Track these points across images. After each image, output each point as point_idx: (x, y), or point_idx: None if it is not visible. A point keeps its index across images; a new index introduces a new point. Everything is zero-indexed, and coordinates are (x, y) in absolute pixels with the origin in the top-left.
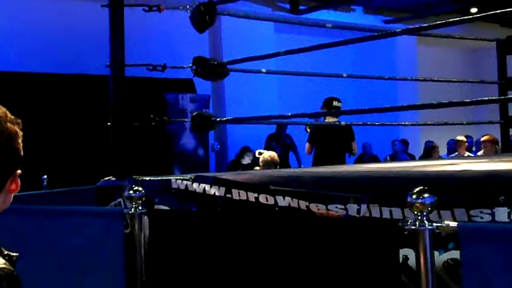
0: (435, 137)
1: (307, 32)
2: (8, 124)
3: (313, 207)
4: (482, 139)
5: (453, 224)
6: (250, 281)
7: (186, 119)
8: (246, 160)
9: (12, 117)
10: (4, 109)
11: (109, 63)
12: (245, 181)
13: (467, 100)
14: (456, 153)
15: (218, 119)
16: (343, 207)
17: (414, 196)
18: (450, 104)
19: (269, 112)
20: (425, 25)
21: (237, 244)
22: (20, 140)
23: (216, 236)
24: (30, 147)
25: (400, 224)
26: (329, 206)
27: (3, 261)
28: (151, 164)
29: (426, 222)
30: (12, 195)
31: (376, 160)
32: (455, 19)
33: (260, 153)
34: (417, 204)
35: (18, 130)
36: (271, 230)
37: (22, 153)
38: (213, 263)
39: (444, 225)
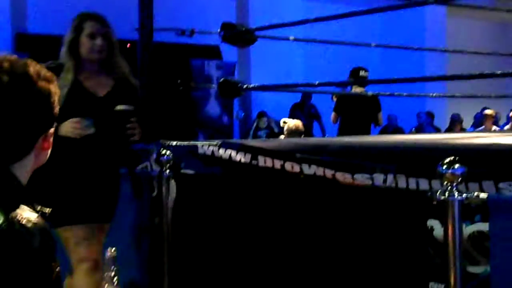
0: (461, 110)
1: (335, 0)
2: (41, 83)
3: (339, 176)
4: None
5: (483, 195)
6: (272, 246)
7: (212, 85)
8: (262, 125)
9: (48, 74)
10: (37, 68)
11: (138, 27)
12: (271, 148)
13: (498, 72)
14: (483, 126)
15: (245, 86)
16: (369, 176)
17: (444, 167)
18: (481, 76)
19: (294, 81)
20: None
21: (262, 210)
22: (53, 99)
23: (242, 202)
24: None
25: (429, 194)
26: (355, 176)
27: (36, 215)
28: (176, 130)
29: (456, 193)
30: (46, 153)
31: (401, 132)
32: None
33: (285, 122)
34: (447, 175)
35: (52, 88)
36: (296, 197)
37: (56, 111)
38: (238, 228)
39: (473, 196)
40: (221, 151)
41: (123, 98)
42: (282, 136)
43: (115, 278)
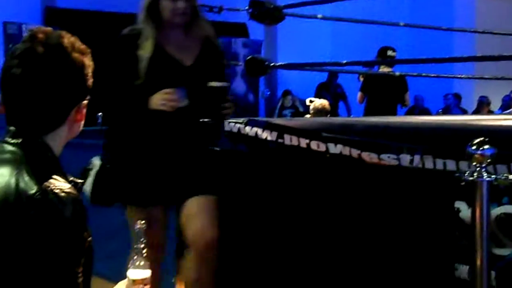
0: (489, 92)
1: None
2: (75, 55)
3: (365, 155)
4: None
5: None
6: (296, 223)
7: (239, 62)
8: (287, 104)
9: (82, 46)
10: (72, 39)
11: None
12: (298, 127)
13: None
14: (511, 109)
15: (272, 64)
16: (395, 157)
17: (474, 147)
18: (511, 57)
19: (321, 60)
20: None
21: (287, 188)
22: (87, 71)
23: (267, 179)
24: None
25: (456, 175)
26: (381, 156)
27: (69, 185)
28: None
29: (485, 174)
30: (79, 125)
31: (427, 113)
32: None
33: (311, 101)
34: (476, 155)
35: (86, 61)
36: (322, 176)
37: (89, 83)
38: (263, 204)
39: (503, 177)
40: (248, 128)
41: (211, 66)
42: (307, 116)
43: (145, 250)
